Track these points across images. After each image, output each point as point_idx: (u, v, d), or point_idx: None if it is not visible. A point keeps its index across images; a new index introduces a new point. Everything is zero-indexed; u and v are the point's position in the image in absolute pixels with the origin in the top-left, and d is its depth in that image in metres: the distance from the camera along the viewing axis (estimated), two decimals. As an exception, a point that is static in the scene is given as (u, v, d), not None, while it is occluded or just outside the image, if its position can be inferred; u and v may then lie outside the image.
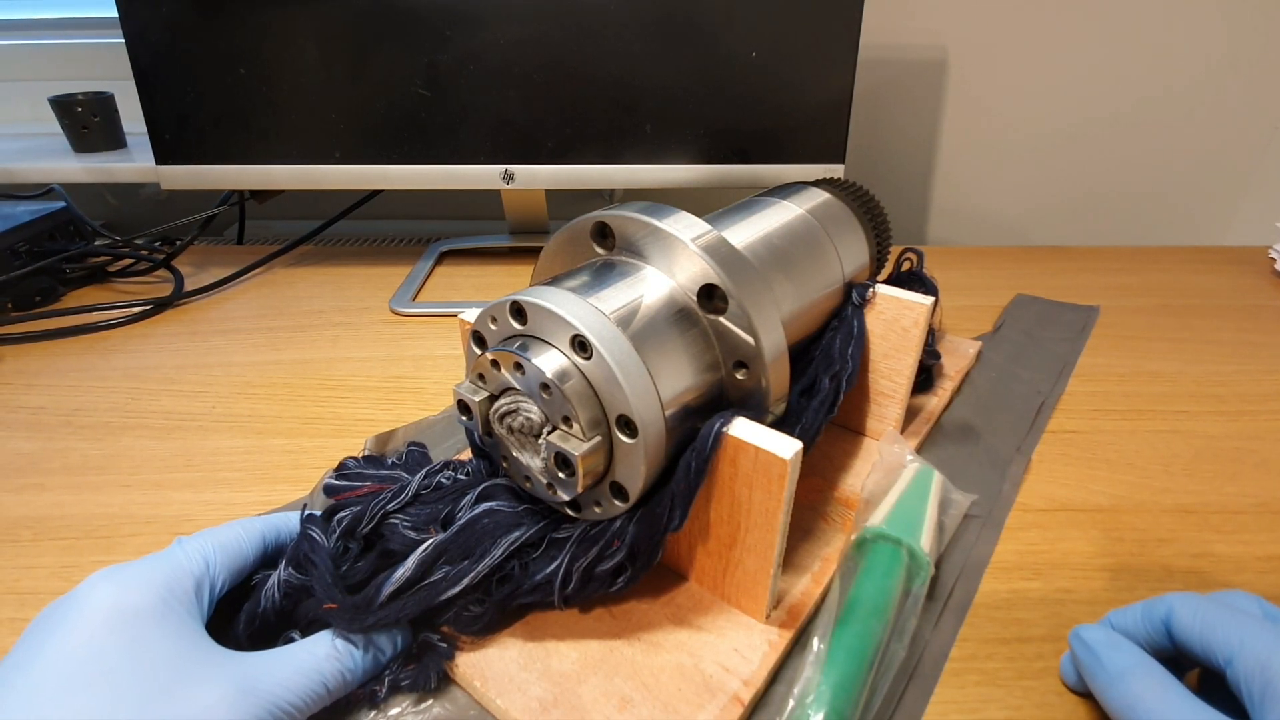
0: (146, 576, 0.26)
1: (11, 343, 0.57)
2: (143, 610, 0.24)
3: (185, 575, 0.27)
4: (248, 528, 0.30)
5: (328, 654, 0.27)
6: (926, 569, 0.32)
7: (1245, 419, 0.46)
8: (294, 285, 0.68)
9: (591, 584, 0.29)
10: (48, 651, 0.23)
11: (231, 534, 0.29)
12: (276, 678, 0.25)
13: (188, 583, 0.26)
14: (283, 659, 0.26)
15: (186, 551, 0.28)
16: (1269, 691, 0.22)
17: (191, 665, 0.24)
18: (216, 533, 0.29)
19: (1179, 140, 0.86)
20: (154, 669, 0.23)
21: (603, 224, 0.31)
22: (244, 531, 0.30)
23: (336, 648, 0.27)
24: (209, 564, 0.28)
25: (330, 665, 0.26)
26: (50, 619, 0.24)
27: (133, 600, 0.24)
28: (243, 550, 0.29)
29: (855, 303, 0.39)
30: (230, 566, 0.28)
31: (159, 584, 0.25)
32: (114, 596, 0.24)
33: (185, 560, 0.27)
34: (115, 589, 0.25)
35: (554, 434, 0.26)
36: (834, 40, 0.61)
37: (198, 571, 0.27)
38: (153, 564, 0.26)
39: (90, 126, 0.79)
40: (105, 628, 0.24)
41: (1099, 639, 0.27)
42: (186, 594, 0.26)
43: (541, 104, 0.62)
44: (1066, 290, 0.64)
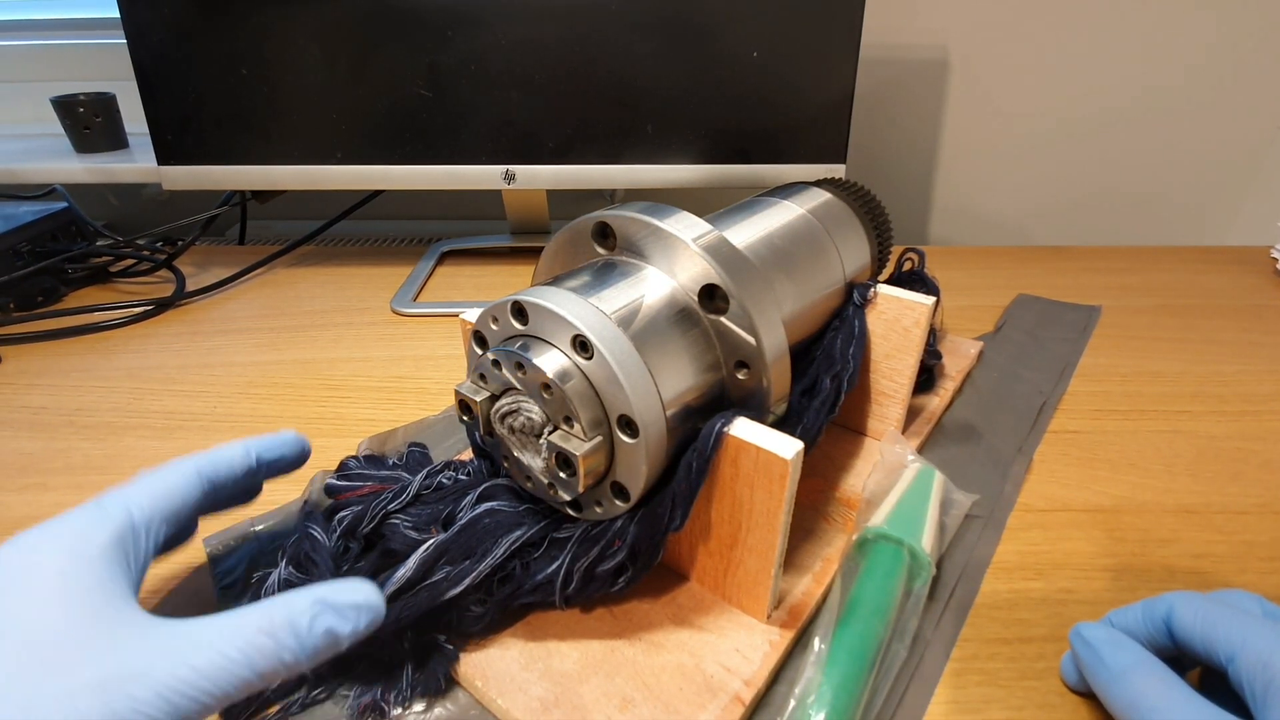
0: (48, 537, 0.22)
1: (13, 343, 0.57)
2: (34, 577, 0.21)
3: (100, 531, 0.23)
4: (180, 467, 0.27)
5: (260, 628, 0.21)
6: (928, 569, 0.32)
7: (1247, 419, 0.46)
8: (295, 285, 0.69)
9: (593, 584, 0.29)
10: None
11: (161, 477, 0.26)
12: (189, 658, 0.20)
13: (102, 538, 0.23)
14: (201, 632, 0.21)
15: (104, 505, 0.24)
16: (1271, 689, 0.22)
17: (86, 635, 0.20)
18: (146, 479, 0.26)
19: (1181, 140, 0.85)
20: (35, 639, 0.20)
21: (604, 224, 0.31)
22: (176, 473, 0.27)
23: (273, 620, 0.21)
24: (133, 513, 0.24)
25: (262, 643, 0.21)
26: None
27: (24, 565, 0.21)
28: (179, 491, 0.26)
29: (856, 303, 0.39)
30: (166, 512, 0.25)
31: (62, 546, 0.22)
32: (11, 555, 0.22)
33: (101, 514, 0.24)
34: (14, 548, 0.22)
35: (555, 434, 0.26)
36: (835, 40, 0.61)
37: (118, 523, 0.24)
38: (61, 522, 0.23)
39: (92, 127, 0.79)
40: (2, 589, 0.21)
41: (1100, 637, 0.26)
42: (101, 552, 0.22)
43: (543, 104, 0.62)
44: (1068, 290, 0.64)
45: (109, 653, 0.20)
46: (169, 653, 0.20)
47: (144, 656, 0.20)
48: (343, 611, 0.22)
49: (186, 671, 0.20)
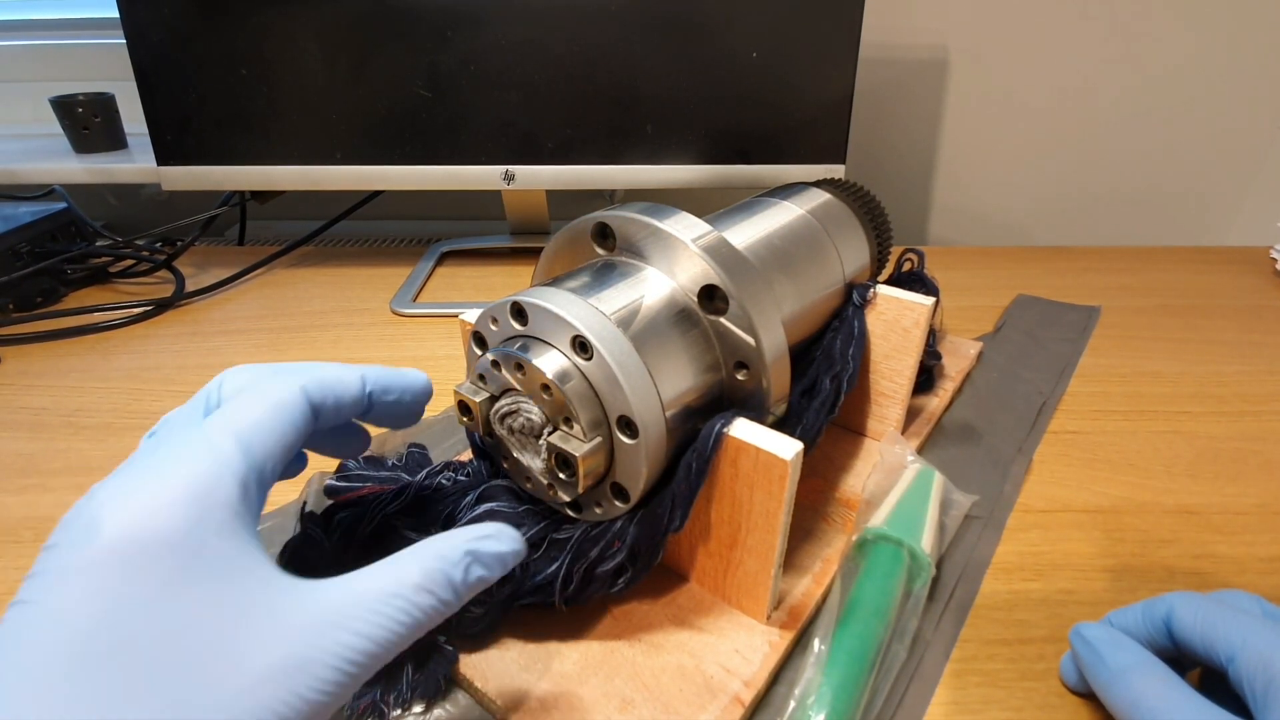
0: (171, 486, 0.18)
1: (13, 343, 0.57)
2: (172, 537, 0.18)
3: (224, 475, 0.19)
4: (285, 387, 0.22)
5: (419, 584, 0.20)
6: (927, 570, 0.32)
7: (1247, 419, 0.46)
8: (295, 286, 0.68)
9: (592, 585, 0.29)
10: (46, 615, 0.17)
11: (269, 401, 0.22)
12: (355, 625, 0.18)
13: (228, 484, 0.19)
14: (365, 591, 0.19)
15: (216, 446, 0.20)
16: (1271, 689, 0.22)
17: (242, 615, 0.18)
18: (249, 402, 0.22)
19: (1181, 140, 0.85)
20: (192, 622, 0.17)
21: (603, 224, 0.31)
22: (283, 394, 0.22)
23: (430, 576, 0.20)
24: (252, 454, 0.20)
25: (423, 600, 0.20)
26: (48, 568, 0.18)
27: (157, 524, 0.18)
28: (290, 420, 0.22)
29: (856, 303, 0.39)
30: (280, 448, 0.21)
31: (190, 496, 0.18)
32: (129, 522, 0.18)
33: (218, 461, 0.19)
34: (128, 514, 0.18)
35: (555, 435, 0.26)
36: (835, 40, 0.61)
37: (239, 471, 0.19)
38: (175, 467, 0.19)
39: (91, 127, 0.79)
40: (124, 570, 0.17)
41: (1101, 637, 0.26)
42: (229, 502, 0.19)
43: (542, 104, 0.62)
44: (1068, 290, 0.64)
45: (280, 636, 0.18)
46: (337, 622, 0.18)
47: (315, 630, 0.18)
48: (489, 562, 0.21)
49: (357, 639, 0.18)
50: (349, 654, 0.18)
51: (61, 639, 0.16)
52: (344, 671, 0.18)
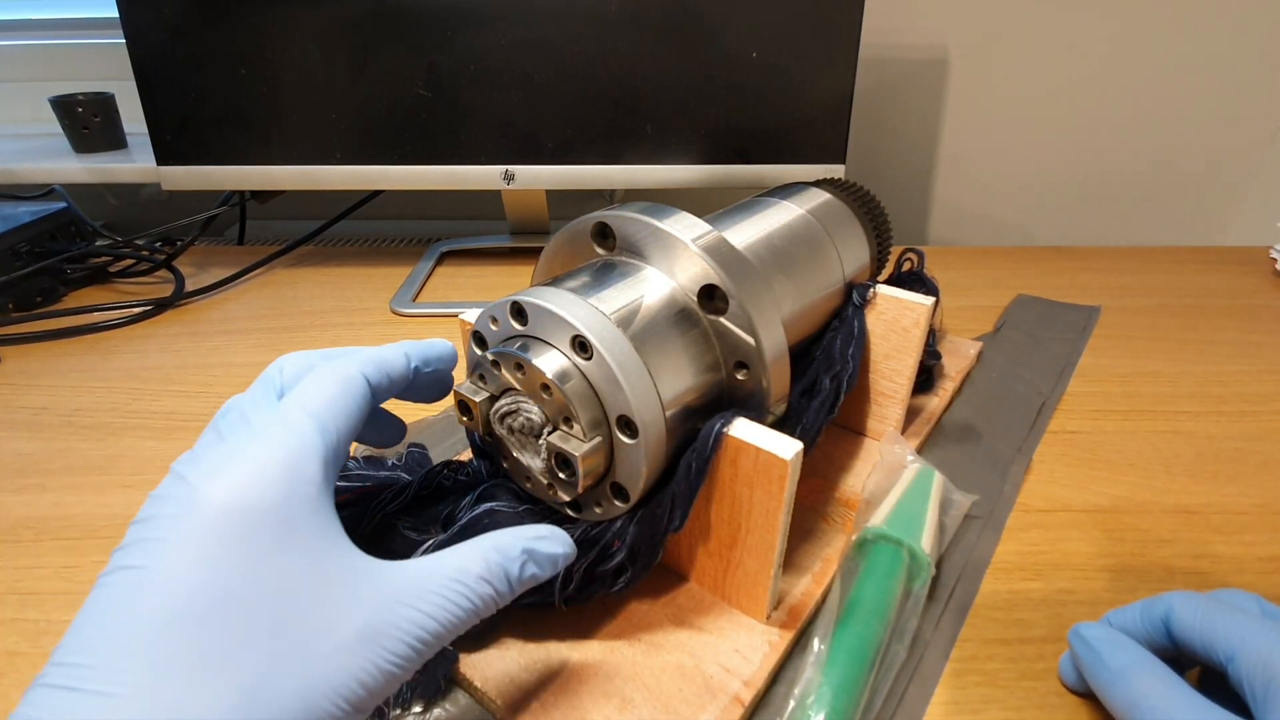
0: (264, 464, 0.20)
1: (13, 343, 0.57)
2: (268, 509, 0.19)
3: (309, 454, 0.20)
4: (346, 369, 0.24)
5: (481, 574, 0.21)
6: (927, 569, 0.32)
7: (1246, 419, 0.46)
8: (295, 286, 0.68)
9: (592, 585, 0.29)
10: (151, 578, 0.18)
11: (335, 381, 0.23)
12: (422, 605, 0.20)
13: (312, 464, 0.20)
14: (432, 576, 0.21)
15: (294, 422, 0.21)
16: (1271, 689, 0.22)
17: (330, 583, 0.19)
18: (317, 383, 0.23)
19: (1180, 140, 0.85)
20: (286, 588, 0.19)
21: (603, 224, 0.31)
22: (347, 374, 0.23)
23: (491, 568, 0.22)
24: (325, 432, 0.21)
25: (483, 590, 0.21)
26: (147, 536, 0.19)
27: (254, 497, 0.19)
28: (356, 399, 0.23)
29: (856, 303, 0.39)
30: (349, 430, 0.23)
31: (281, 473, 0.20)
32: (229, 496, 0.19)
33: (301, 439, 0.21)
34: (229, 488, 0.19)
35: (554, 434, 0.26)
36: (835, 40, 0.61)
37: (319, 447, 0.21)
38: (264, 445, 0.20)
39: (91, 127, 0.79)
40: (224, 538, 0.18)
41: (1100, 636, 0.26)
42: (314, 479, 0.20)
43: (542, 104, 0.62)
44: (1067, 290, 0.64)
45: (360, 606, 0.19)
46: (408, 600, 0.20)
47: (389, 605, 0.19)
48: (542, 561, 0.23)
49: (425, 618, 0.20)
50: (418, 630, 0.20)
51: (171, 598, 0.18)
52: (413, 647, 0.19)
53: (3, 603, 0.34)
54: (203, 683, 0.17)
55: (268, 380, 0.24)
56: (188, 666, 0.17)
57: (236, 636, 0.18)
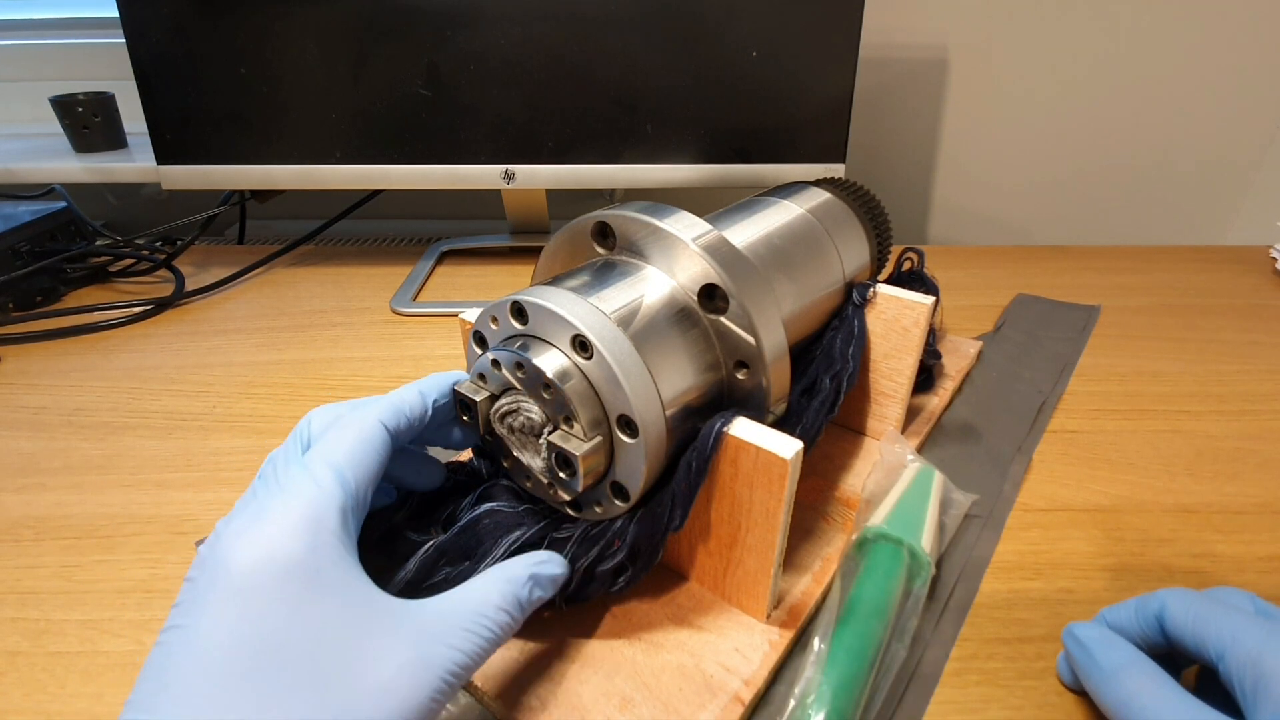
0: (287, 519, 0.21)
1: (13, 343, 0.57)
2: (294, 562, 0.20)
3: (329, 505, 0.21)
4: (366, 419, 0.25)
5: (500, 605, 0.23)
6: (927, 569, 0.32)
7: (1246, 419, 0.46)
8: (295, 285, 0.68)
9: (593, 584, 0.29)
10: (198, 635, 0.19)
11: (356, 433, 0.24)
12: (453, 640, 0.21)
13: (333, 515, 0.21)
14: (455, 612, 0.22)
15: (317, 475, 0.22)
16: (1260, 687, 0.22)
17: (363, 627, 0.20)
18: (338, 439, 0.24)
19: (1180, 139, 0.85)
20: (323, 634, 0.20)
21: (603, 224, 0.31)
22: (366, 424, 0.25)
23: (506, 598, 0.23)
24: (344, 482, 0.22)
25: (502, 619, 0.23)
26: (192, 598, 0.20)
27: (280, 552, 0.20)
28: (375, 447, 0.24)
29: (856, 302, 0.39)
30: (369, 478, 0.24)
31: (304, 526, 0.21)
32: (257, 553, 0.20)
33: (321, 491, 0.22)
34: (255, 546, 0.20)
35: (555, 434, 0.26)
36: (835, 39, 0.61)
37: (339, 497, 0.22)
38: (286, 501, 0.21)
39: (91, 126, 0.79)
40: (257, 594, 0.20)
41: (1092, 636, 0.27)
42: (335, 529, 0.21)
43: (542, 104, 0.62)
44: (1067, 290, 0.64)
45: (397, 646, 0.20)
46: (439, 637, 0.21)
47: (422, 643, 0.21)
48: (545, 583, 0.25)
49: (456, 653, 0.21)
50: (452, 666, 0.21)
51: (212, 656, 0.19)
52: (449, 681, 0.21)
53: (3, 602, 0.34)
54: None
55: (297, 434, 0.25)
56: (240, 716, 0.18)
57: (282, 684, 0.19)
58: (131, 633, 0.32)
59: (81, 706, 0.29)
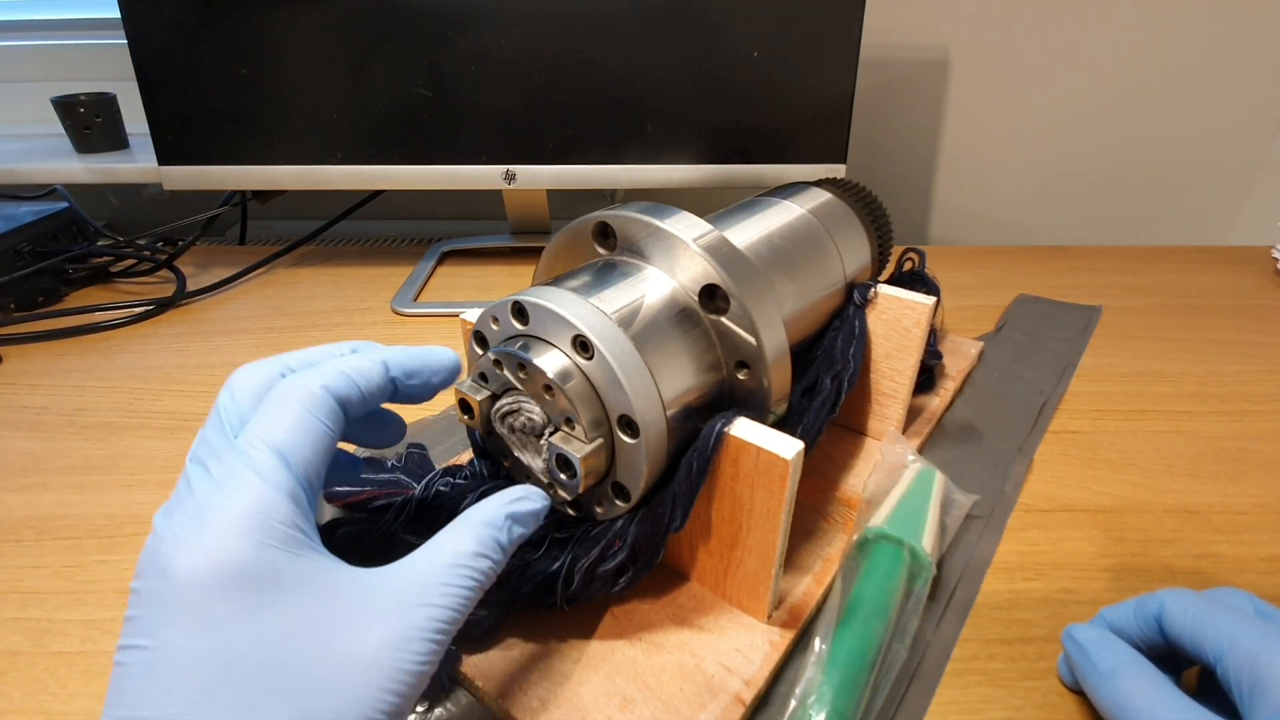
0: (231, 519, 0.19)
1: (14, 343, 0.58)
2: (246, 567, 0.18)
3: (276, 495, 0.20)
4: (308, 389, 0.22)
5: (477, 551, 0.22)
6: (928, 569, 0.32)
7: (1248, 419, 0.46)
8: (296, 285, 0.69)
9: (594, 584, 0.29)
10: (159, 654, 0.18)
11: (298, 407, 0.22)
12: (431, 599, 0.20)
13: (281, 504, 0.20)
14: (431, 568, 0.21)
15: (257, 462, 0.20)
16: (1258, 688, 0.22)
17: (334, 613, 0.19)
18: (277, 416, 0.21)
19: (1181, 139, 0.85)
20: (293, 633, 0.18)
21: (604, 224, 0.31)
22: (308, 395, 0.22)
23: (483, 542, 0.22)
24: (290, 466, 0.20)
25: (481, 564, 0.22)
26: (143, 613, 0.19)
27: (230, 559, 0.18)
28: (322, 421, 0.22)
29: (857, 303, 0.39)
30: (319, 454, 0.22)
31: (251, 525, 0.19)
32: (204, 562, 0.18)
33: (262, 474, 0.20)
34: (201, 554, 0.18)
35: (556, 435, 0.26)
36: (836, 40, 0.61)
37: (286, 484, 0.20)
38: (227, 497, 0.19)
39: (92, 127, 0.79)
40: (213, 605, 0.18)
41: (1090, 638, 0.27)
42: (286, 519, 0.20)
43: (543, 104, 0.62)
44: (1069, 290, 0.64)
45: (373, 621, 0.19)
46: (417, 601, 0.20)
47: (400, 612, 0.20)
48: (524, 519, 0.24)
49: (438, 610, 0.20)
50: (435, 625, 0.20)
51: (184, 673, 0.18)
52: (435, 640, 0.20)
53: (4, 602, 0.34)
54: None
55: (221, 410, 0.22)
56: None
57: (259, 693, 0.18)
58: (133, 633, 0.32)
59: (83, 706, 0.29)
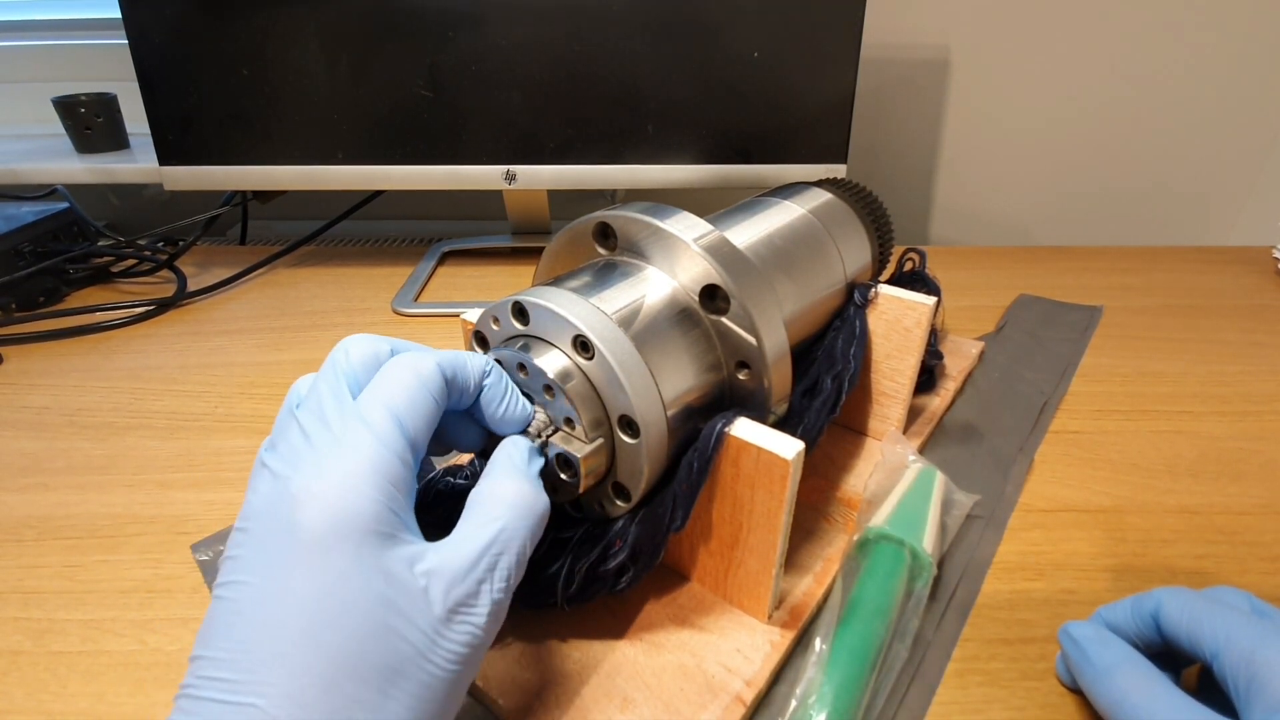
0: (358, 475, 0.20)
1: (15, 343, 0.58)
2: (370, 522, 0.20)
3: (394, 459, 0.21)
4: (425, 364, 0.23)
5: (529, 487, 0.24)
6: (929, 569, 0.32)
7: (1249, 419, 0.46)
8: (296, 285, 0.69)
9: (594, 584, 0.29)
10: (273, 594, 0.19)
11: (416, 378, 0.23)
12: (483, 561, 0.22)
13: (396, 465, 0.21)
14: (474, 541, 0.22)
15: (378, 425, 0.21)
16: (1254, 685, 0.22)
17: (417, 579, 0.20)
18: (397, 383, 0.22)
19: (1183, 140, 0.85)
20: (387, 594, 0.19)
21: (605, 224, 0.31)
22: (426, 369, 0.23)
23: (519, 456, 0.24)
24: (405, 430, 0.21)
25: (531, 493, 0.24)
26: (255, 553, 0.20)
27: (356, 514, 0.20)
28: (435, 403, 0.23)
29: (857, 303, 0.39)
30: (428, 427, 0.23)
31: (375, 483, 0.20)
32: (331, 514, 0.19)
33: (384, 440, 0.21)
34: (329, 505, 0.19)
35: (556, 434, 0.26)
36: (836, 40, 0.61)
37: (399, 445, 0.21)
38: (352, 455, 0.20)
39: (93, 127, 0.79)
40: (335, 556, 0.19)
41: (1087, 635, 0.27)
42: (398, 480, 0.21)
43: (544, 104, 0.62)
44: (1070, 290, 0.64)
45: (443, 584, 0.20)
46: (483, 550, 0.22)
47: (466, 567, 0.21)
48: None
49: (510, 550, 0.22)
50: (506, 568, 0.22)
51: (295, 613, 0.19)
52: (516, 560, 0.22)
53: (6, 601, 0.34)
54: (345, 680, 0.18)
55: (336, 368, 0.23)
56: (330, 671, 0.18)
57: (362, 639, 0.19)
58: (134, 633, 0.32)
59: (84, 706, 0.29)
